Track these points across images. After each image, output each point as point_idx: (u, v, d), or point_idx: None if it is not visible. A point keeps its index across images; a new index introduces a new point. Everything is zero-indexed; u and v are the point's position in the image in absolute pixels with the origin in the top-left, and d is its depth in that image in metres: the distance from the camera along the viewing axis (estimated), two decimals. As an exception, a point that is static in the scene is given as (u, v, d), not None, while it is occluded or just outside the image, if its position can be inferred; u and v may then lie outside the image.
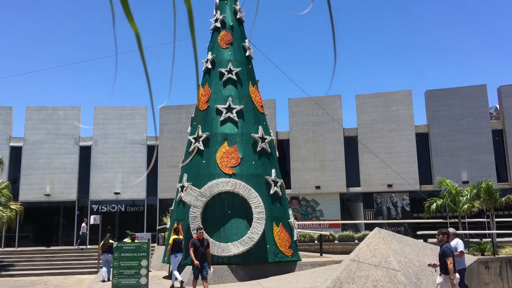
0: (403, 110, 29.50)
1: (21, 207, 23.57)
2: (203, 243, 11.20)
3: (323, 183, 29.38)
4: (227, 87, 16.62)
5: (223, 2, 17.74)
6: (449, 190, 22.79)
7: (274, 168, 16.17)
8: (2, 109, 30.53)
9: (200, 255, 11.02)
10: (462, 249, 10.56)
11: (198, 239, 11.28)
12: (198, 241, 11.24)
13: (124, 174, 30.00)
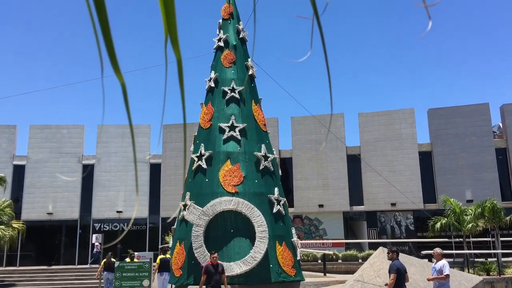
0: (405, 129, 29.50)
1: (23, 226, 23.49)
2: (218, 268, 10.50)
3: (326, 201, 29.24)
4: (230, 106, 16.65)
5: (226, 22, 17.91)
6: (453, 209, 22.67)
7: (277, 187, 16.10)
8: (6, 127, 30.67)
9: (215, 282, 10.29)
10: (448, 272, 10.24)
11: (212, 264, 10.66)
12: (212, 266, 10.60)
13: (126, 193, 29.96)
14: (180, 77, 1.08)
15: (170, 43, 1.06)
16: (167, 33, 1.04)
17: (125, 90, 1.05)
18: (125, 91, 1.05)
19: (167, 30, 1.04)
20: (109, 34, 1.00)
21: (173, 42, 1.04)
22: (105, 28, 0.99)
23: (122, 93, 1.04)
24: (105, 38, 0.99)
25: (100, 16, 0.99)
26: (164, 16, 1.02)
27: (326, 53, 1.23)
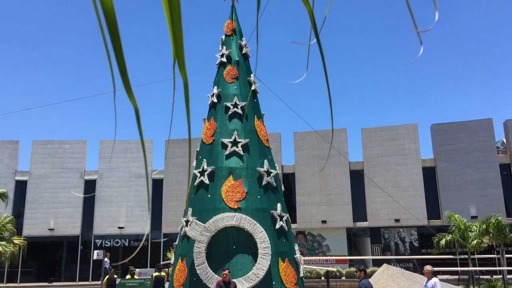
0: (409, 144, 29.41)
1: (24, 242, 23.35)
2: (230, 286, 10.32)
3: (329, 217, 29.04)
4: (233, 121, 16.64)
5: (229, 37, 17.99)
6: (457, 225, 22.47)
7: (279, 202, 15.99)
8: (9, 143, 30.71)
9: None
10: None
11: (223, 282, 10.46)
12: (224, 284, 10.40)
13: (128, 208, 29.83)
14: (186, 99, 1.11)
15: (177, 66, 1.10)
16: (175, 57, 1.07)
17: (138, 113, 1.09)
18: (137, 114, 1.08)
19: (175, 54, 1.07)
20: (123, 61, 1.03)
21: (180, 66, 1.09)
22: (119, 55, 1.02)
23: (135, 117, 1.08)
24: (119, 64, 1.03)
25: (115, 44, 1.02)
26: (173, 41, 1.07)
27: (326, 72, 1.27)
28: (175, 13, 1.07)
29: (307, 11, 1.15)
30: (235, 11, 18.04)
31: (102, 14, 1.02)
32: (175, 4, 1.06)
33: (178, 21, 1.07)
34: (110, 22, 1.01)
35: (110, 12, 1.01)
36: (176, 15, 1.07)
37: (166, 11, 1.06)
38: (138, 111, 1.09)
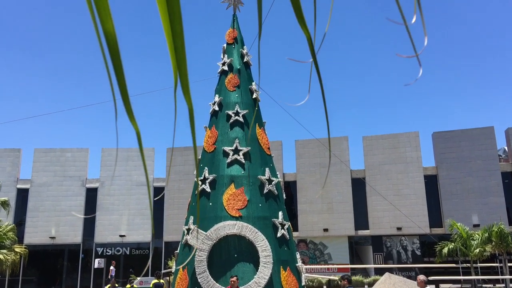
0: (410, 152, 29.38)
1: (25, 250, 23.31)
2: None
3: (331, 225, 28.96)
4: (234, 129, 16.67)
5: (231, 46, 18.06)
6: (460, 234, 22.39)
7: (281, 211, 15.96)
8: (11, 151, 30.76)
9: None
10: None
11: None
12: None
13: (130, 217, 29.80)
14: (192, 126, 1.10)
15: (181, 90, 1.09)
16: (176, 80, 1.06)
17: (140, 136, 1.09)
18: (139, 137, 1.08)
19: (176, 78, 1.06)
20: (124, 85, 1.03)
21: (184, 91, 1.08)
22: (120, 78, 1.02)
23: (137, 140, 1.09)
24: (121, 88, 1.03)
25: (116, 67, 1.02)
26: (175, 66, 1.05)
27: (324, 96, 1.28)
28: (179, 40, 1.05)
29: (305, 36, 1.14)
30: (236, 20, 18.14)
31: (103, 36, 1.01)
32: (178, 30, 1.05)
33: (182, 49, 1.06)
34: (112, 46, 1.01)
35: (111, 34, 1.01)
36: (179, 42, 1.05)
37: (168, 38, 1.05)
38: (140, 134, 1.09)
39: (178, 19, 1.05)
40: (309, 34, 1.14)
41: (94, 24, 0.99)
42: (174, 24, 1.04)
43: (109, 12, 1.01)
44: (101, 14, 1.00)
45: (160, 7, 1.04)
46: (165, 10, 1.04)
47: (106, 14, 1.00)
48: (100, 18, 1.00)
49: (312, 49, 1.15)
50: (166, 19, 1.04)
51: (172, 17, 1.04)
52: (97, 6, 1.00)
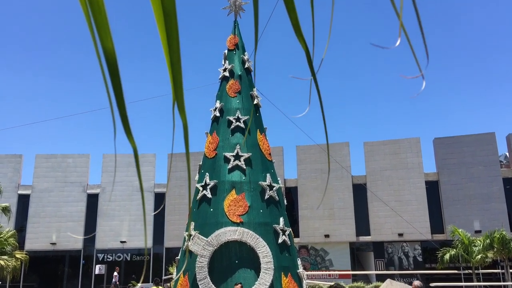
0: (412, 158, 29.35)
1: (26, 256, 23.27)
2: None
3: (332, 231, 28.89)
4: (235, 135, 16.68)
5: (232, 52, 18.11)
6: (461, 240, 22.33)
7: (282, 217, 15.94)
8: (12, 157, 30.80)
9: None
10: None
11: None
12: None
13: (130, 222, 29.76)
14: (186, 143, 1.13)
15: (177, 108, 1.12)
16: (175, 99, 1.09)
17: (137, 153, 1.11)
18: (136, 155, 1.10)
19: (175, 96, 1.08)
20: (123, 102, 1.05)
21: (180, 108, 1.10)
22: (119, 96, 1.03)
23: (134, 156, 1.12)
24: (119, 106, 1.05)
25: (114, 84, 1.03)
26: (172, 83, 1.08)
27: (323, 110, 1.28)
28: (175, 56, 1.06)
29: (304, 50, 1.14)
30: (237, 26, 18.21)
31: (102, 55, 1.02)
32: (174, 47, 1.05)
33: (177, 65, 1.07)
34: (111, 64, 1.02)
35: (110, 52, 1.01)
36: (175, 58, 1.06)
37: (165, 53, 1.06)
38: (137, 151, 1.11)
39: (175, 35, 1.05)
40: (307, 49, 1.14)
41: (93, 43, 1.00)
42: (171, 40, 1.05)
43: (109, 30, 1.02)
44: (100, 32, 1.00)
45: (159, 23, 1.04)
46: (163, 25, 1.05)
47: (106, 33, 1.01)
48: (100, 37, 1.00)
49: (310, 64, 1.16)
50: (163, 35, 1.05)
51: (169, 33, 1.05)
52: (96, 25, 1.00)
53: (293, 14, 1.11)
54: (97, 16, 1.00)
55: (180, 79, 1.08)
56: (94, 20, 1.00)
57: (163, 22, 1.05)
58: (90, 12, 0.99)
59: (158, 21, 1.04)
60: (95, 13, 1.00)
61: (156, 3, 1.03)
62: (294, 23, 1.11)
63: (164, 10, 1.04)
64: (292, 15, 1.11)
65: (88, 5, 0.99)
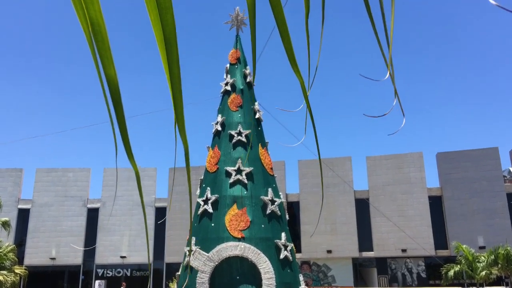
0: (414, 173, 29.14)
1: (25, 271, 23.02)
2: None
3: (335, 247, 28.57)
4: (237, 149, 16.56)
5: (234, 66, 18.09)
6: (465, 256, 22.07)
7: (284, 232, 15.73)
8: (13, 171, 30.68)
9: None
10: None
11: None
12: None
13: (131, 237, 29.48)
14: (187, 164, 1.17)
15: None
16: (176, 122, 1.13)
17: (139, 177, 1.14)
18: (138, 179, 1.14)
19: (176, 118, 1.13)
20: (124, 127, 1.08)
21: (180, 131, 1.14)
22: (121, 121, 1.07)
23: (136, 179, 1.15)
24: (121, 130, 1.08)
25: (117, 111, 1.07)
26: (174, 106, 1.11)
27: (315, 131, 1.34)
28: (176, 80, 1.10)
29: (299, 82, 1.17)
30: (239, 40, 18.22)
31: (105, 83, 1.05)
32: (175, 72, 1.09)
33: (178, 89, 1.10)
34: (113, 91, 1.06)
35: (113, 79, 1.05)
36: (176, 83, 1.10)
37: (167, 77, 1.10)
38: (139, 174, 1.14)
39: (175, 61, 1.09)
40: (302, 79, 1.18)
41: (97, 70, 1.03)
42: (172, 66, 1.09)
43: (112, 59, 1.05)
44: (103, 60, 1.04)
45: (160, 48, 1.08)
46: (164, 51, 1.08)
47: (109, 60, 1.05)
48: (103, 64, 1.04)
49: (305, 93, 1.19)
50: (165, 60, 1.09)
51: (170, 59, 1.08)
52: (100, 53, 1.04)
53: (288, 46, 1.13)
54: (100, 45, 1.04)
55: (181, 103, 1.12)
56: (97, 48, 1.03)
57: (164, 48, 1.08)
58: (94, 41, 1.03)
59: (159, 46, 1.07)
60: (98, 42, 1.03)
61: (157, 30, 1.05)
62: (290, 55, 1.14)
63: (165, 37, 1.07)
64: (288, 47, 1.13)
65: (91, 34, 1.02)
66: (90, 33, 1.01)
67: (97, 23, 1.01)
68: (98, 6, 1.00)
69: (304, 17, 1.21)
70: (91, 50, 1.01)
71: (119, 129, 1.06)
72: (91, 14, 1.00)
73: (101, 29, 1.01)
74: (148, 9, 1.01)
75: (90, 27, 1.00)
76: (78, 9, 0.97)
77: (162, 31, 1.04)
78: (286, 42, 1.12)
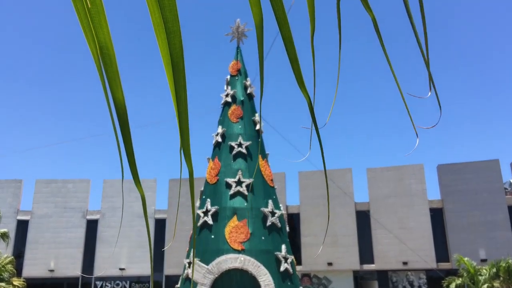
0: (415, 185, 29.08)
1: (23, 284, 22.89)
2: None
3: (336, 259, 28.41)
4: (237, 161, 16.55)
5: (234, 77, 18.16)
6: (467, 269, 21.97)
7: (284, 244, 15.66)
8: (12, 182, 30.63)
9: None
10: None
11: None
12: None
13: (130, 249, 29.34)
14: (191, 188, 1.18)
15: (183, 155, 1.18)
16: (181, 145, 1.14)
17: (144, 201, 1.17)
18: (144, 202, 1.17)
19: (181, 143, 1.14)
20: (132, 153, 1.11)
21: (186, 155, 1.15)
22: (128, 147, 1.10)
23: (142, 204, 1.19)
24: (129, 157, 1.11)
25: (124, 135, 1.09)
26: (180, 132, 1.13)
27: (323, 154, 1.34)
28: (183, 106, 1.11)
29: (306, 101, 1.18)
30: (240, 52, 18.31)
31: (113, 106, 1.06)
32: (182, 98, 1.10)
33: (185, 115, 1.11)
34: (121, 114, 1.06)
35: (120, 103, 1.06)
36: (183, 109, 1.11)
37: (174, 103, 1.11)
38: (145, 198, 1.17)
39: (183, 87, 1.10)
40: (309, 99, 1.19)
41: (105, 93, 1.04)
42: (179, 92, 1.10)
43: (120, 82, 1.06)
44: (111, 84, 1.05)
45: (168, 74, 1.08)
46: (172, 77, 1.08)
47: (117, 84, 1.05)
48: (111, 87, 1.05)
49: (312, 113, 1.20)
50: (172, 86, 1.09)
51: (177, 85, 1.09)
52: (108, 77, 1.04)
53: (296, 67, 1.14)
54: (108, 69, 1.04)
55: (187, 129, 1.12)
56: (106, 71, 1.04)
57: (171, 72, 1.08)
58: (102, 64, 1.03)
59: (167, 71, 1.07)
60: (106, 66, 1.04)
61: (165, 54, 1.05)
62: (297, 75, 1.14)
63: (172, 61, 1.07)
64: (295, 66, 1.13)
65: (99, 58, 1.02)
66: (99, 56, 1.01)
67: (105, 46, 1.01)
68: (107, 30, 0.99)
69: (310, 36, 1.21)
70: (99, 73, 1.02)
71: (125, 152, 1.08)
72: (100, 38, 1.00)
73: (109, 52, 1.01)
74: (156, 33, 1.00)
75: (99, 51, 1.00)
76: (87, 32, 0.97)
77: (170, 56, 1.04)
78: (295, 66, 1.12)
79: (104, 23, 0.99)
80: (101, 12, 0.97)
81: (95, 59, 1.01)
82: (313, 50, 1.17)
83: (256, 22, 1.07)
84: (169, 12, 0.99)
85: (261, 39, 1.10)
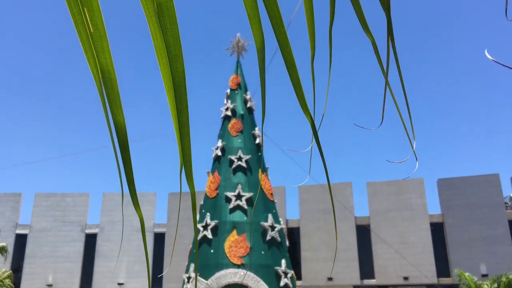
0: (415, 199, 28.99)
1: (21, 298, 22.70)
2: None
3: (336, 274, 28.20)
4: (237, 175, 16.51)
5: (234, 91, 18.22)
6: (468, 284, 21.83)
7: (284, 258, 15.56)
8: (11, 195, 30.53)
9: None
10: None
11: None
12: None
13: (129, 264, 29.13)
14: (194, 209, 1.15)
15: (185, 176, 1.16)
16: (182, 165, 1.13)
17: (143, 223, 1.14)
18: (143, 224, 1.14)
19: (182, 162, 1.13)
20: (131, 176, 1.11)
21: (188, 177, 1.14)
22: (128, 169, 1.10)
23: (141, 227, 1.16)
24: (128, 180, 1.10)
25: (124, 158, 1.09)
26: (180, 154, 1.12)
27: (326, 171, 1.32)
28: (184, 129, 1.11)
29: (308, 122, 1.20)
30: (240, 66, 18.39)
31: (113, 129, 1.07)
32: (184, 120, 1.10)
33: (187, 138, 1.11)
34: (121, 137, 1.07)
35: (121, 125, 1.06)
36: (185, 132, 1.11)
37: (175, 126, 1.11)
38: (143, 220, 1.14)
39: (185, 110, 1.10)
40: (312, 120, 1.20)
41: (105, 116, 1.05)
42: (181, 115, 1.10)
43: (121, 105, 1.07)
44: (112, 107, 1.06)
45: (169, 98, 1.09)
46: (173, 100, 1.09)
47: (118, 107, 1.06)
48: (112, 111, 1.06)
49: (315, 133, 1.21)
50: (173, 108, 1.10)
51: (179, 107, 1.09)
52: (109, 100, 1.05)
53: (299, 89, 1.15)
54: (109, 92, 1.05)
55: (189, 150, 1.11)
56: (107, 94, 1.05)
57: (173, 96, 1.08)
58: (103, 87, 1.04)
59: (168, 94, 1.08)
60: (108, 89, 1.04)
61: (167, 78, 1.06)
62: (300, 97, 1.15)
63: (174, 85, 1.07)
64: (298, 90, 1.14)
65: (101, 81, 1.03)
66: (100, 79, 1.02)
67: (107, 70, 1.01)
68: (109, 54, 1.00)
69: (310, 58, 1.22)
70: (101, 96, 1.03)
71: (125, 173, 1.07)
72: (102, 62, 1.00)
73: (111, 76, 1.02)
74: (158, 57, 1.00)
75: (101, 74, 1.01)
76: (89, 56, 0.97)
77: (172, 79, 1.04)
78: (298, 90, 1.13)
79: (106, 48, 0.99)
80: (103, 37, 0.98)
81: (96, 82, 1.02)
82: (313, 74, 1.18)
83: (257, 45, 1.07)
84: (171, 36, 1.00)
85: (263, 63, 1.10)
